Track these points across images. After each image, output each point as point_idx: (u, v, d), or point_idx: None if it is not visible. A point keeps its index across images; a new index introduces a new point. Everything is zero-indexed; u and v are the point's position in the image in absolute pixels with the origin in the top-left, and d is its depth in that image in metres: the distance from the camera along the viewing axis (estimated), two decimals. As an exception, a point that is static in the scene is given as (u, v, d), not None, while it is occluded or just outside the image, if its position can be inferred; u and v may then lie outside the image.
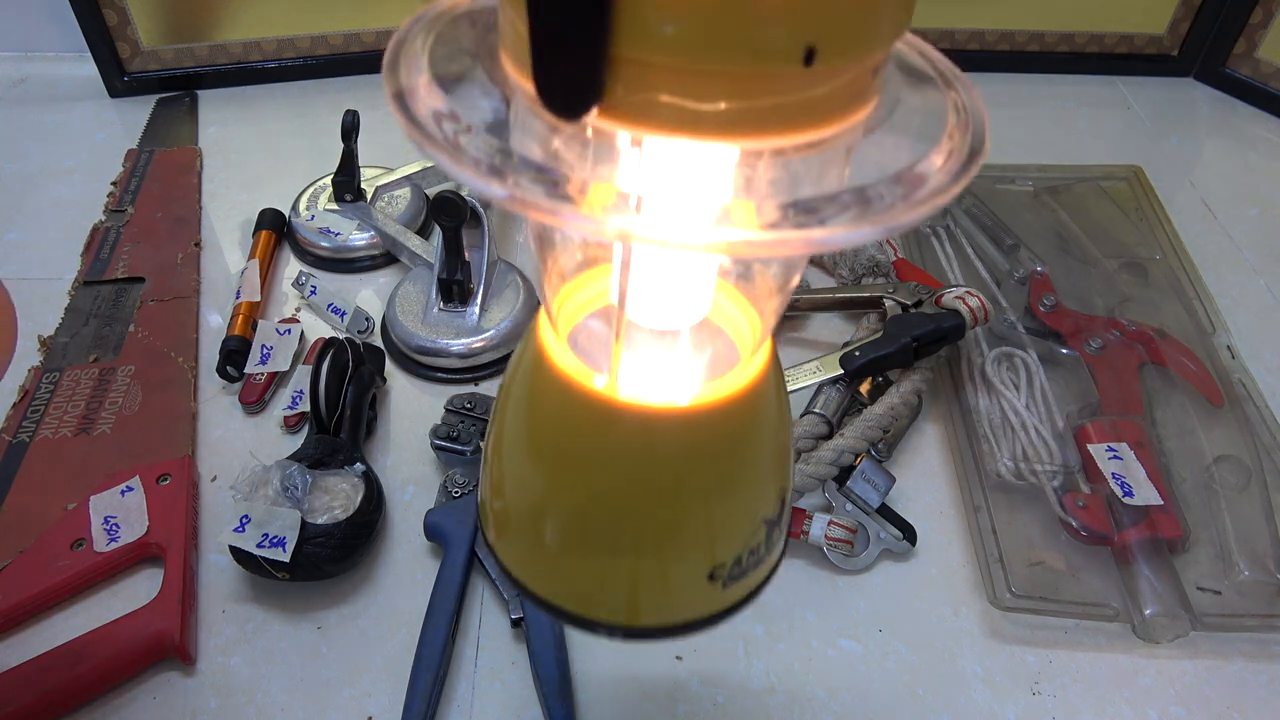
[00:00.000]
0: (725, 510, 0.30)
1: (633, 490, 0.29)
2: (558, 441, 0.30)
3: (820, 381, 0.56)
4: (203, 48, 0.87)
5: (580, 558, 0.30)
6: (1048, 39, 0.92)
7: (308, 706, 0.45)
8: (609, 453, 0.29)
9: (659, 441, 0.28)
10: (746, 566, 0.32)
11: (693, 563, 0.30)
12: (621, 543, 0.30)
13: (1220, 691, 0.46)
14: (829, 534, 0.50)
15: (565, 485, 0.30)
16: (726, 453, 0.30)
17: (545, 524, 0.31)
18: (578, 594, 0.31)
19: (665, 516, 0.29)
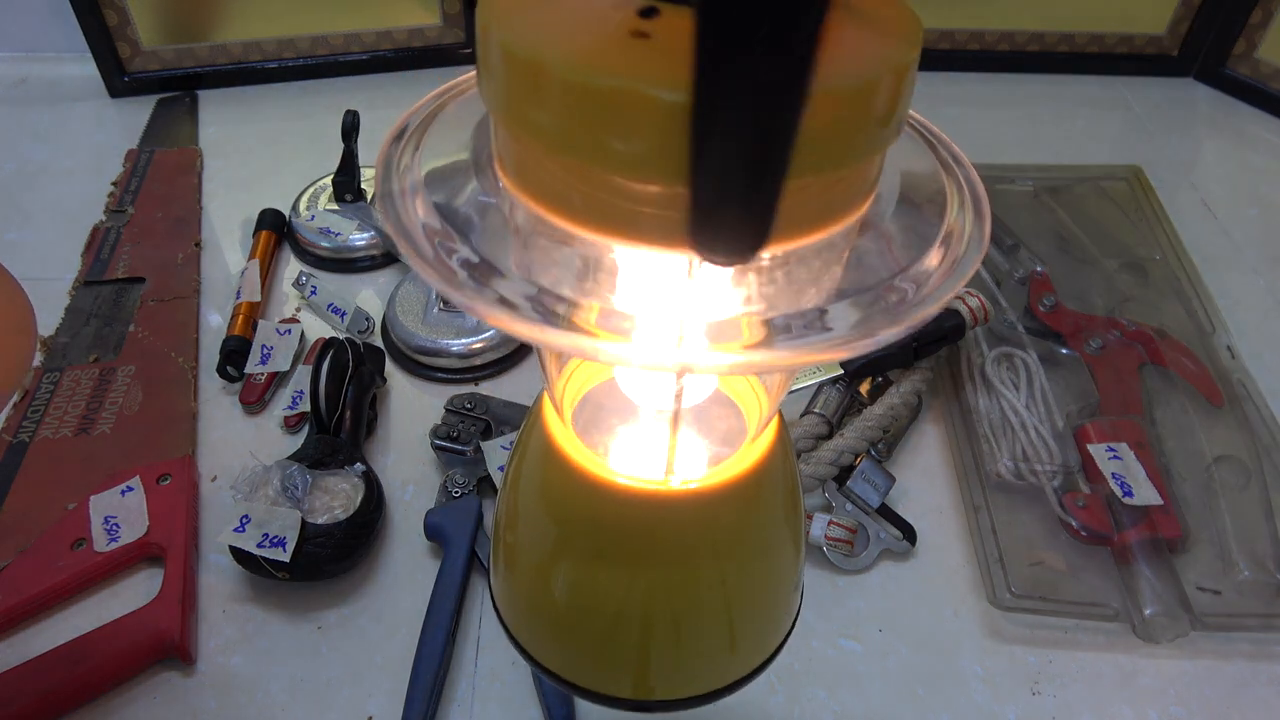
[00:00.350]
0: (739, 587, 0.30)
1: (638, 571, 0.29)
2: (562, 521, 0.30)
3: (820, 381, 0.56)
4: (203, 48, 0.87)
5: (590, 636, 0.30)
6: (1048, 39, 0.92)
7: (308, 706, 0.45)
8: (612, 532, 0.29)
9: (664, 522, 0.28)
10: (761, 632, 0.32)
11: (709, 640, 0.30)
12: (629, 622, 0.29)
13: (1220, 691, 0.46)
14: (829, 534, 0.50)
15: (571, 565, 0.30)
16: (736, 530, 0.30)
17: (554, 601, 0.30)
18: (588, 671, 0.31)
19: (674, 596, 0.29)
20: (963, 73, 0.93)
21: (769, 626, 0.32)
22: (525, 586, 0.31)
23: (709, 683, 0.31)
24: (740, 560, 0.30)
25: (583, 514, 0.29)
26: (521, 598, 0.32)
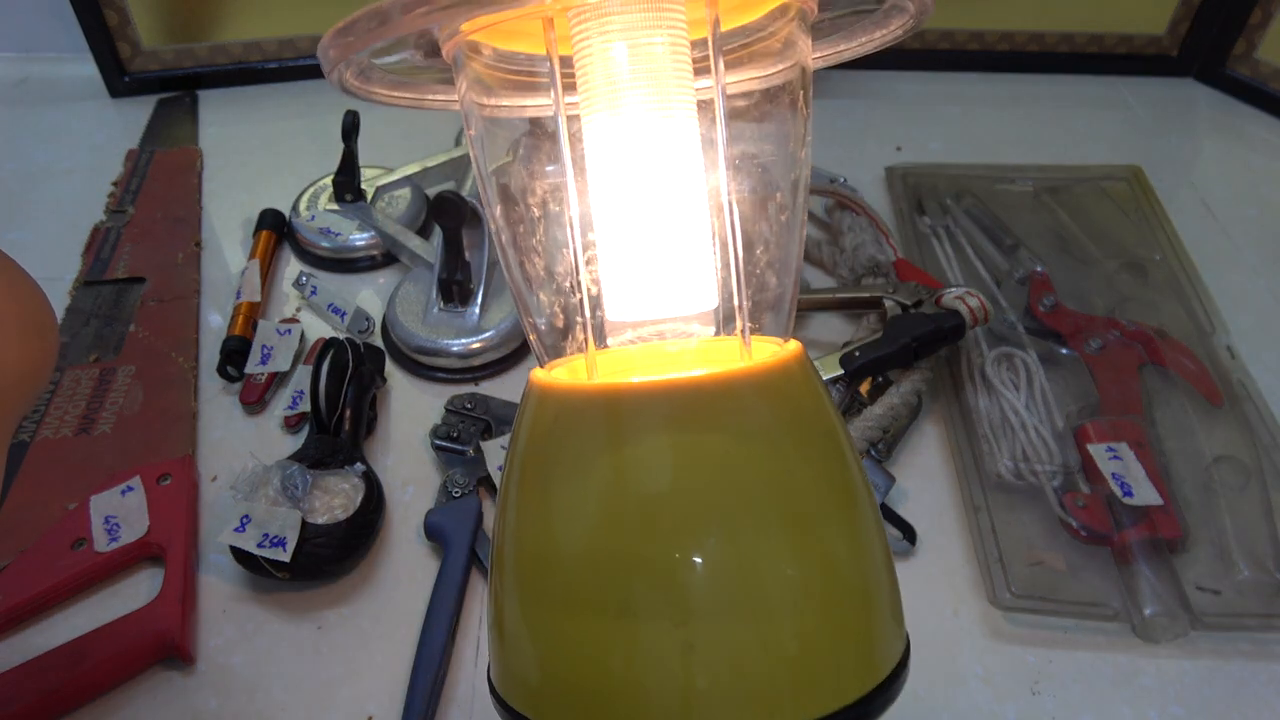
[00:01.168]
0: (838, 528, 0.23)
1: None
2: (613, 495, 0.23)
3: (820, 381, 0.56)
4: (203, 48, 0.87)
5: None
6: (1048, 39, 0.92)
7: (308, 706, 0.45)
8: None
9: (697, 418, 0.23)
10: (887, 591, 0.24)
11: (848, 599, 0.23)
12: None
13: (1220, 691, 0.46)
14: (829, 534, 0.50)
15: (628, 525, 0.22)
16: (808, 422, 0.24)
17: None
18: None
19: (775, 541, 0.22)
20: (963, 73, 0.93)
21: (879, 608, 0.24)
22: (543, 633, 0.23)
23: (864, 679, 0.22)
24: (807, 461, 0.23)
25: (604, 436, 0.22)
26: (533, 648, 0.23)
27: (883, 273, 0.65)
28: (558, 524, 0.23)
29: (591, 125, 0.26)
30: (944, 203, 0.74)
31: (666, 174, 0.25)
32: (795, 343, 0.27)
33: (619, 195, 0.26)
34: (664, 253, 0.26)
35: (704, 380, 0.22)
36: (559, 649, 0.23)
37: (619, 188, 0.26)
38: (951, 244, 0.70)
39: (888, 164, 0.79)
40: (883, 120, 0.87)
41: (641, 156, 0.25)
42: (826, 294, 0.64)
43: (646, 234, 0.25)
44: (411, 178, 0.73)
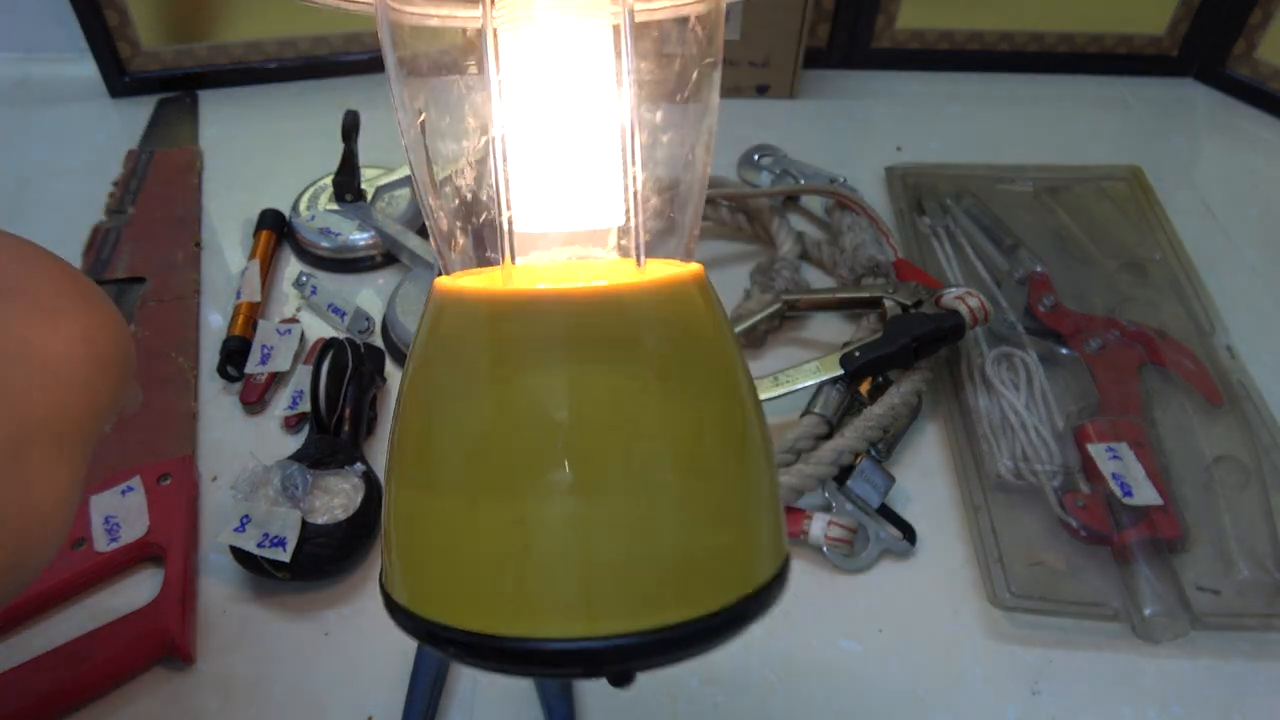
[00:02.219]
0: (725, 426, 0.24)
1: (592, 418, 0.23)
2: (493, 395, 0.23)
3: (820, 381, 0.56)
4: (203, 48, 0.87)
5: (563, 547, 0.23)
6: (1048, 39, 0.92)
7: (308, 706, 0.45)
8: (551, 379, 0.23)
9: (606, 331, 0.23)
10: (768, 504, 0.25)
11: (715, 496, 0.24)
12: (610, 502, 0.22)
13: (1220, 691, 0.46)
14: (829, 534, 0.50)
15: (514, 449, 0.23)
16: (692, 341, 0.24)
17: (497, 518, 0.23)
18: (565, 609, 0.23)
19: (654, 439, 0.23)
20: (963, 73, 0.93)
21: (769, 500, 0.25)
22: (453, 526, 0.24)
23: (740, 582, 0.23)
24: (696, 375, 0.24)
25: (511, 366, 0.23)
26: (453, 547, 0.24)
27: (883, 273, 0.65)
28: (449, 420, 0.24)
29: (510, 35, 0.27)
30: (944, 203, 0.74)
31: (579, 85, 0.27)
32: (696, 265, 0.27)
33: (534, 106, 0.27)
34: (574, 164, 0.27)
35: (594, 291, 0.23)
36: (445, 534, 0.24)
37: (534, 98, 0.27)
38: (951, 244, 0.71)
39: (888, 164, 0.79)
40: (883, 120, 0.87)
41: (557, 67, 0.26)
42: (826, 294, 0.64)
43: (558, 145, 0.26)
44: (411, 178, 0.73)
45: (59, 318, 0.28)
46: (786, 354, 0.63)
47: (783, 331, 0.65)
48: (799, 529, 0.51)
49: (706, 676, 0.47)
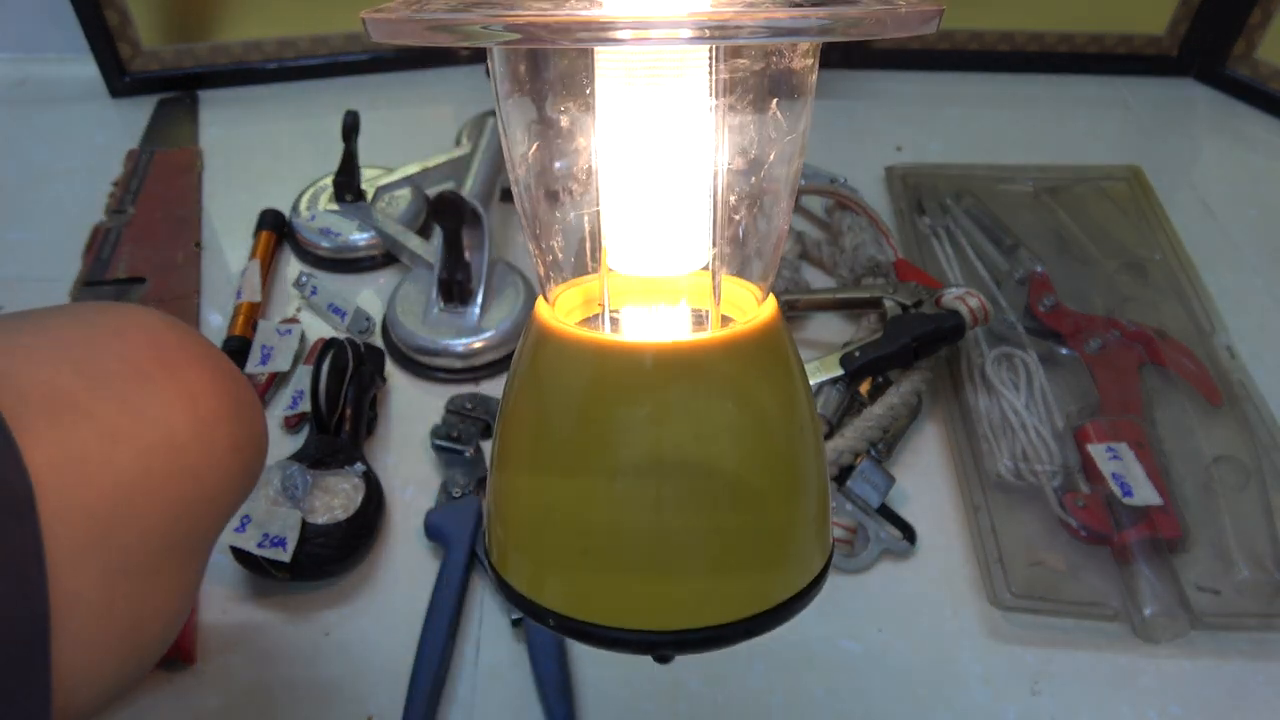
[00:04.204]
0: (773, 471, 0.27)
1: (663, 452, 0.26)
2: (579, 418, 0.27)
3: (820, 381, 0.56)
4: (203, 48, 0.87)
5: (623, 550, 0.27)
6: (1048, 39, 0.92)
7: (308, 706, 0.45)
8: (631, 415, 0.26)
9: (683, 385, 0.26)
10: (808, 528, 0.28)
11: (755, 524, 0.27)
12: (667, 520, 0.26)
13: (1219, 691, 0.46)
14: (829, 534, 0.50)
15: (594, 471, 0.27)
16: (758, 392, 0.27)
17: (575, 522, 0.27)
18: (624, 603, 0.27)
19: (707, 479, 0.26)
20: (963, 73, 0.93)
21: (813, 523, 0.29)
22: (541, 522, 0.28)
23: (763, 597, 0.27)
24: (771, 413, 0.28)
25: (599, 401, 0.27)
26: (539, 538, 0.28)
27: (883, 273, 0.65)
28: (554, 442, 0.28)
29: (605, 87, 0.27)
30: (944, 203, 0.74)
31: (673, 140, 0.28)
32: (770, 304, 0.29)
33: (631, 157, 0.28)
34: (665, 213, 0.29)
35: (678, 346, 0.26)
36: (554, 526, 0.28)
37: (629, 149, 0.28)
38: (951, 244, 0.71)
39: (888, 164, 0.79)
40: (883, 120, 0.87)
41: (652, 125, 0.27)
42: (826, 294, 0.64)
43: (652, 194, 0.28)
44: (411, 178, 0.73)
45: (217, 427, 0.28)
46: (786, 354, 0.63)
47: (783, 331, 0.65)
48: (799, 529, 0.51)
49: (706, 677, 0.47)
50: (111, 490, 0.25)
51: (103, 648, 0.25)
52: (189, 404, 0.27)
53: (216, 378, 0.29)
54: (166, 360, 0.28)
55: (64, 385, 0.25)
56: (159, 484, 0.26)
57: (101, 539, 0.25)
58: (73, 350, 0.26)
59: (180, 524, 0.27)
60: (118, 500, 0.25)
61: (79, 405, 0.25)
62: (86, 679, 0.25)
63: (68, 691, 0.24)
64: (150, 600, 0.26)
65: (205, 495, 0.28)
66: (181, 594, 0.28)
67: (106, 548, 0.25)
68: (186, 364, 0.28)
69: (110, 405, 0.26)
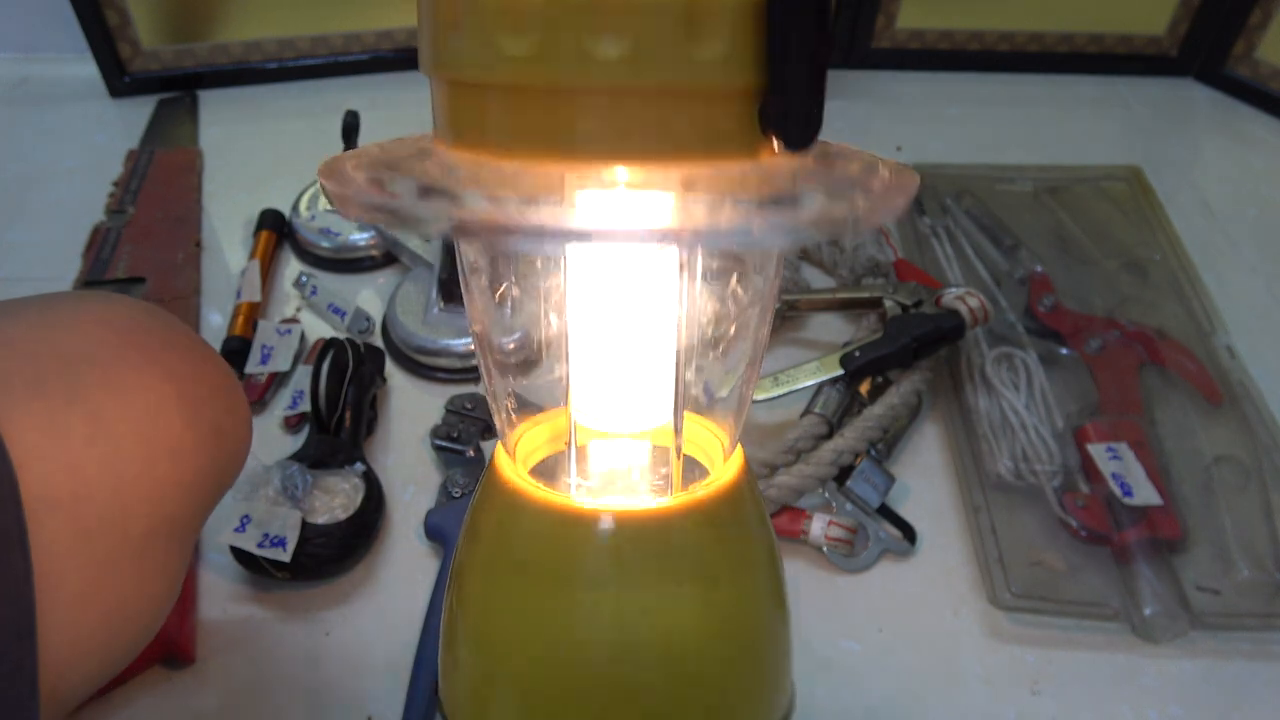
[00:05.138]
0: (738, 608, 0.28)
1: (627, 607, 0.27)
2: (544, 577, 0.27)
3: (820, 381, 0.56)
4: (203, 48, 0.87)
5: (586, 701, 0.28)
6: (1048, 39, 0.92)
7: (308, 706, 0.45)
8: (595, 570, 0.27)
9: (636, 550, 0.27)
10: (764, 687, 0.30)
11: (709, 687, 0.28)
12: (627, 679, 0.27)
13: (1219, 691, 0.46)
14: (828, 534, 0.50)
15: (559, 619, 0.27)
16: (713, 556, 0.28)
17: (540, 677, 0.28)
18: None
19: (668, 633, 0.27)
20: (963, 73, 0.93)
21: (756, 694, 0.30)
22: (508, 662, 0.28)
23: None
24: (732, 582, 0.28)
25: (558, 555, 0.27)
26: (476, 692, 0.29)
27: (883, 273, 0.65)
28: (510, 616, 0.28)
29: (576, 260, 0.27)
30: (944, 203, 0.74)
31: (640, 309, 0.28)
32: (736, 458, 0.29)
33: (596, 324, 0.28)
34: (630, 375, 0.29)
35: (639, 514, 0.27)
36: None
37: (598, 318, 0.28)
38: (951, 244, 0.71)
39: (888, 164, 0.79)
40: (883, 120, 0.87)
41: (620, 292, 0.27)
42: (826, 294, 0.64)
43: (617, 355, 0.29)
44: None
45: (200, 411, 0.28)
46: (786, 354, 0.63)
47: (783, 331, 0.65)
48: (799, 529, 0.51)
49: (706, 676, 0.47)
50: (95, 475, 0.25)
51: (89, 632, 0.25)
52: (170, 389, 0.27)
53: (197, 363, 0.29)
54: (147, 346, 0.28)
55: (45, 371, 0.25)
56: (142, 469, 0.26)
57: (85, 524, 0.25)
58: (54, 337, 0.26)
59: (165, 509, 0.27)
60: (101, 485, 0.25)
61: (60, 391, 0.25)
62: (73, 663, 0.25)
63: (54, 675, 0.24)
64: (136, 584, 0.26)
65: (189, 480, 0.28)
66: (168, 578, 0.28)
67: (90, 532, 0.25)
68: (167, 350, 0.28)
69: (91, 391, 0.26)
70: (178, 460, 0.27)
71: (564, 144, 0.20)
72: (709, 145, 0.21)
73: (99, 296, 0.29)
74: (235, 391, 0.30)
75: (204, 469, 0.28)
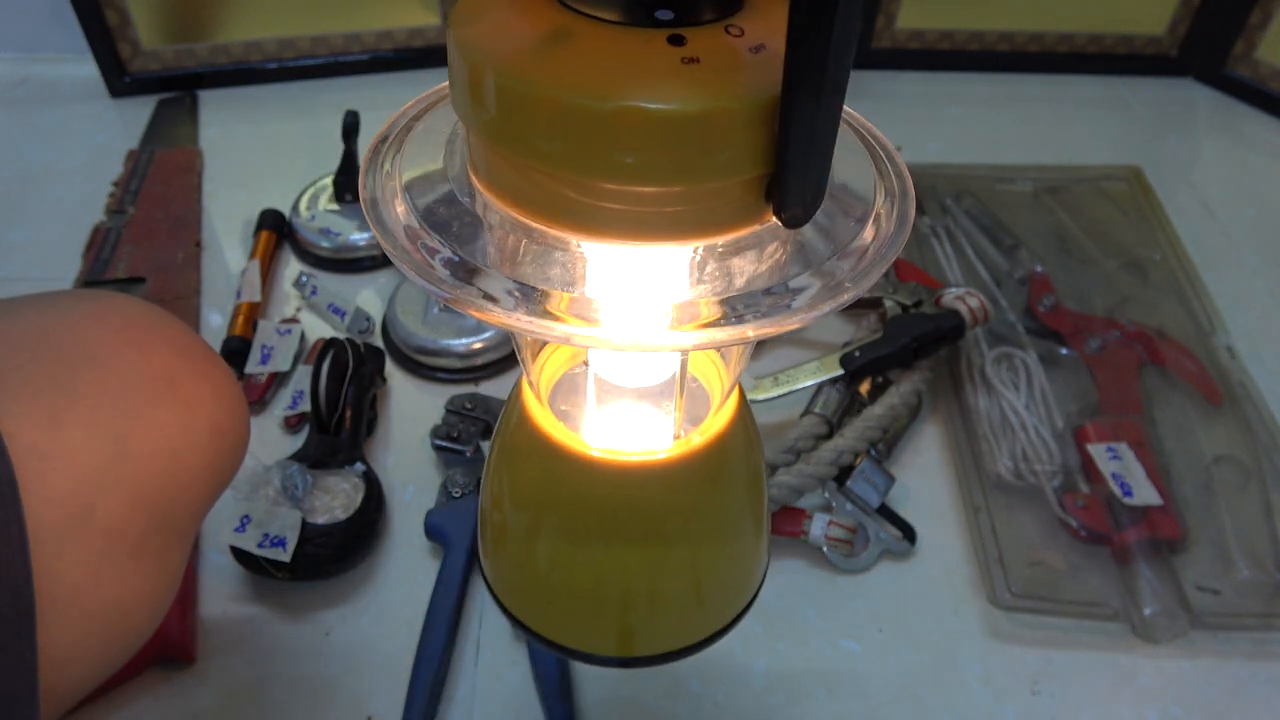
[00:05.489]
0: (707, 550, 0.32)
1: (614, 538, 0.31)
2: (543, 496, 0.31)
3: (820, 381, 0.56)
4: (203, 48, 0.87)
5: (573, 600, 0.32)
6: (1048, 39, 0.92)
7: (308, 706, 0.45)
8: (589, 504, 0.30)
9: (635, 492, 0.30)
10: (730, 590, 0.33)
11: (679, 600, 0.32)
12: (609, 586, 0.31)
13: (1219, 691, 0.46)
14: (829, 534, 0.50)
15: (553, 536, 0.31)
16: (701, 497, 0.31)
17: (538, 570, 0.32)
18: (573, 632, 0.33)
19: (648, 560, 0.31)
20: (963, 73, 0.93)
21: (736, 585, 0.34)
22: (513, 560, 0.33)
23: (685, 638, 0.33)
24: (707, 524, 0.32)
25: (561, 488, 0.30)
26: (510, 570, 0.33)
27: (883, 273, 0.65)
28: (521, 519, 0.33)
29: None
30: (944, 203, 0.74)
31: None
32: (731, 404, 0.31)
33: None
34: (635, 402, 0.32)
35: (633, 465, 0.30)
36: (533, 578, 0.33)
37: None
38: (951, 244, 0.70)
39: (888, 164, 0.79)
40: (883, 120, 0.86)
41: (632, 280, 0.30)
42: (826, 294, 0.64)
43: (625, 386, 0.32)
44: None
45: (197, 408, 0.28)
46: (786, 354, 0.63)
47: (783, 331, 0.65)
48: (799, 529, 0.51)
49: (706, 677, 0.47)
50: (93, 472, 0.25)
51: (88, 629, 0.25)
52: (166, 387, 0.27)
53: (194, 361, 0.29)
54: (143, 344, 0.28)
55: (42, 369, 0.25)
56: (140, 466, 0.26)
57: (84, 521, 0.25)
58: (50, 335, 0.27)
59: (162, 506, 0.27)
60: (99, 482, 0.25)
61: (58, 388, 0.25)
62: (72, 660, 0.25)
63: (54, 672, 0.24)
64: (135, 581, 0.26)
65: (187, 477, 0.28)
66: (167, 575, 0.28)
67: (89, 529, 0.25)
68: (163, 347, 0.28)
69: (89, 388, 0.26)
70: (175, 457, 0.27)
71: (584, 222, 0.22)
72: (718, 222, 0.23)
73: (95, 295, 0.29)
74: (232, 389, 0.30)
75: (202, 466, 0.28)
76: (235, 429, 0.30)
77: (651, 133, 0.20)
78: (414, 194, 0.24)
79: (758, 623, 0.49)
